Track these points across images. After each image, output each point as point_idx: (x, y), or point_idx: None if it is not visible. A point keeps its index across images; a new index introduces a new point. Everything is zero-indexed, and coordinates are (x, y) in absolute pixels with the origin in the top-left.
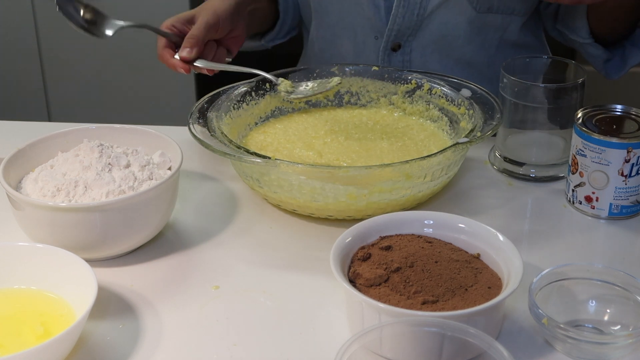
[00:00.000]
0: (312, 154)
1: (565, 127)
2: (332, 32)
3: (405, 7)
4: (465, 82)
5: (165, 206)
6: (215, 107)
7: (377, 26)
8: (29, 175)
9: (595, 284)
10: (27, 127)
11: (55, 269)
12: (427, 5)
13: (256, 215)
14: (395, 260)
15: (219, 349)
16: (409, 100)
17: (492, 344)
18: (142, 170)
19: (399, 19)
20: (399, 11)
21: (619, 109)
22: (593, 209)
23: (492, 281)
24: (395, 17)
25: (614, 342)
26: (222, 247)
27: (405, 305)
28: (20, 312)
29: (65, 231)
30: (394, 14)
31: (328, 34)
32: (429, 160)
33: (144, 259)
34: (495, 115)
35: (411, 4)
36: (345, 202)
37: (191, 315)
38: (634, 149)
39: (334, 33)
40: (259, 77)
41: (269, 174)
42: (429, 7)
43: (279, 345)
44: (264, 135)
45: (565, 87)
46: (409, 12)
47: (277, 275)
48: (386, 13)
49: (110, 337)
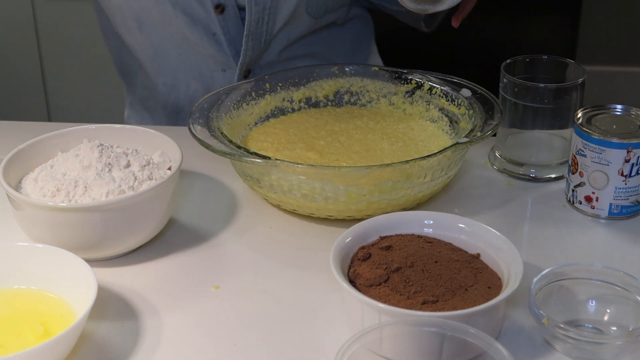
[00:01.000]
0: (312, 154)
1: (565, 127)
2: (174, 76)
3: (253, 40)
4: (465, 82)
5: (165, 206)
6: (215, 107)
7: (222, 60)
8: (29, 175)
9: (595, 284)
10: (27, 127)
11: (55, 269)
12: (272, 31)
13: (256, 215)
14: (395, 260)
15: (219, 349)
16: (409, 100)
17: (492, 344)
18: (142, 170)
19: (250, 51)
20: (248, 46)
21: (619, 109)
22: (593, 209)
23: (492, 281)
24: (246, 51)
25: (613, 342)
26: (222, 247)
27: (405, 305)
28: (20, 312)
29: (65, 231)
30: (244, 49)
31: (169, 78)
32: (429, 160)
33: (144, 259)
34: (495, 115)
35: (257, 36)
36: (345, 202)
37: (191, 315)
38: (634, 149)
39: (176, 77)
40: (258, 77)
41: (269, 174)
42: (274, 31)
43: (279, 345)
44: (264, 135)
45: (565, 87)
46: (257, 43)
47: (277, 275)
48: (228, 45)
49: (110, 337)
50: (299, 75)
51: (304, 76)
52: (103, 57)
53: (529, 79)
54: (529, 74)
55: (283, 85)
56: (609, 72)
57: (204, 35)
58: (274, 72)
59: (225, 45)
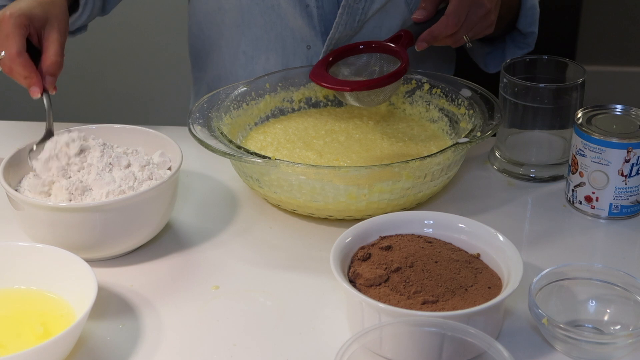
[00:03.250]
0: (312, 154)
1: (565, 127)
2: (255, 46)
3: (349, 14)
4: (465, 82)
5: (165, 206)
6: (215, 107)
7: (308, 36)
8: (29, 175)
9: (595, 284)
10: (27, 127)
11: (55, 269)
12: (368, 10)
13: (256, 215)
14: (395, 260)
15: (219, 349)
16: (409, 100)
17: (492, 344)
18: (142, 170)
19: (342, 26)
20: (342, 19)
21: (619, 109)
22: (593, 209)
23: (492, 281)
24: (338, 25)
25: (614, 342)
26: (222, 247)
27: (405, 305)
28: (20, 312)
29: (65, 231)
30: (338, 22)
31: (250, 48)
32: (429, 160)
33: (144, 259)
34: (496, 115)
35: (353, 11)
36: (345, 202)
37: (191, 315)
38: (634, 149)
39: (257, 47)
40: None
41: (269, 174)
42: (370, 12)
43: (279, 345)
44: (264, 135)
45: (565, 87)
46: (351, 20)
47: (277, 275)
48: (319, 20)
49: (110, 337)
50: (299, 75)
51: (304, 76)
52: (103, 57)
53: (529, 79)
54: (529, 74)
55: (283, 85)
56: (609, 72)
57: (297, 5)
58: (273, 72)
59: (316, 19)
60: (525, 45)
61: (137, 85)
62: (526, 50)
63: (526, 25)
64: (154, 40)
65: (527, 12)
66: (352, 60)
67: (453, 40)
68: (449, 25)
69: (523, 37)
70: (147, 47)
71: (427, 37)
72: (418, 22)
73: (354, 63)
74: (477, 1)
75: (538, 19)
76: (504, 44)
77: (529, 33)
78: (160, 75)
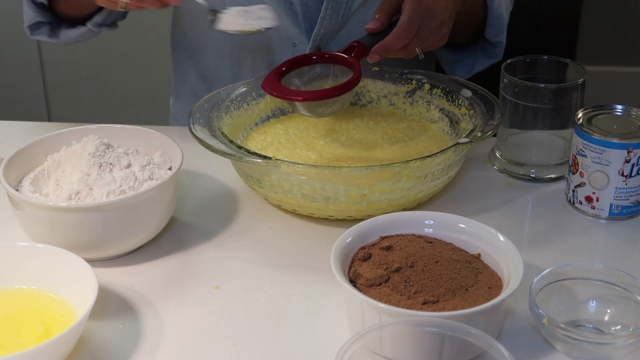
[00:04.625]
0: (313, 154)
1: (566, 127)
2: (240, 46)
3: (333, 9)
4: (466, 82)
5: (166, 206)
6: (215, 107)
7: (293, 33)
8: (29, 175)
9: (595, 284)
10: (27, 127)
11: (55, 269)
12: (352, 4)
13: (256, 215)
14: (396, 261)
15: (219, 349)
16: (410, 100)
17: (493, 344)
18: (143, 170)
19: (326, 21)
20: (326, 14)
21: (619, 109)
22: (593, 209)
23: (492, 281)
24: (322, 20)
25: (614, 342)
26: (222, 247)
27: (406, 305)
28: (20, 312)
29: (66, 231)
30: (322, 17)
31: (235, 49)
32: (429, 161)
33: (144, 259)
34: (496, 115)
35: (337, 5)
36: (345, 202)
37: (191, 315)
38: (634, 149)
39: (242, 47)
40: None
41: (270, 174)
42: (354, 5)
43: (279, 345)
44: (265, 135)
45: (565, 87)
46: (335, 14)
47: (277, 275)
48: (304, 18)
49: (110, 337)
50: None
51: (301, 76)
52: (103, 57)
53: (530, 79)
54: (530, 74)
55: None
56: (609, 72)
57: (282, 3)
58: None
59: (301, 16)
60: (494, 55)
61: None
62: (495, 60)
63: (493, 35)
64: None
65: (493, 21)
66: (305, 70)
67: (406, 52)
68: (401, 37)
69: (492, 46)
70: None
71: (379, 49)
72: (371, 33)
73: (307, 73)
74: (430, 13)
75: (505, 28)
76: (475, 54)
77: (497, 43)
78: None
